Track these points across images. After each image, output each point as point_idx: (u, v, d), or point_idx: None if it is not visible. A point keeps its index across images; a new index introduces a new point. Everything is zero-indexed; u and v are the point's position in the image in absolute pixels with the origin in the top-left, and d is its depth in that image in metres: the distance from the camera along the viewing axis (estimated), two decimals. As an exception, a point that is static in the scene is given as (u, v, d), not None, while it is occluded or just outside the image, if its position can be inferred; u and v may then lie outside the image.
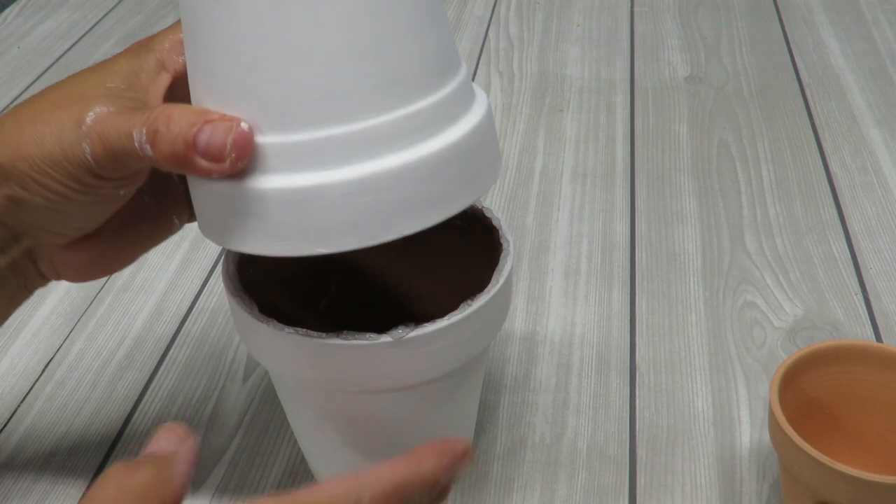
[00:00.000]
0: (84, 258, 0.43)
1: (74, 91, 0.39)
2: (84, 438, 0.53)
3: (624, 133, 0.80)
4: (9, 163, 0.38)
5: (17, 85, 0.91)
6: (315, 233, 0.36)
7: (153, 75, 0.40)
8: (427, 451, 0.35)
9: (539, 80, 0.89)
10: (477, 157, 0.39)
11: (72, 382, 0.57)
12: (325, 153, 0.35)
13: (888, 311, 0.60)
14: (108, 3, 1.07)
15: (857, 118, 0.81)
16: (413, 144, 0.36)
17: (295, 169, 0.35)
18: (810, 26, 0.97)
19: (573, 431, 0.53)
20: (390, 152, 0.35)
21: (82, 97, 0.38)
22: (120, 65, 0.41)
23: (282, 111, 0.35)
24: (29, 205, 0.39)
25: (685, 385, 0.55)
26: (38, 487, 0.50)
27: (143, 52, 0.41)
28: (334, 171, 0.35)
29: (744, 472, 0.50)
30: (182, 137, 0.36)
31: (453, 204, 0.38)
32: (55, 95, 0.40)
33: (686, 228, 0.68)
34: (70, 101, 0.38)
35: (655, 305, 0.61)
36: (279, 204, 0.36)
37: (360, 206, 0.35)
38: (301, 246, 0.36)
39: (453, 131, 0.37)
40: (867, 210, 0.70)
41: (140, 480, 0.32)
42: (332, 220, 0.36)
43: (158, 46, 0.41)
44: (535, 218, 0.70)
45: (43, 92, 0.41)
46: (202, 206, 0.39)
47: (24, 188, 0.39)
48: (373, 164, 0.35)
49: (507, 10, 1.03)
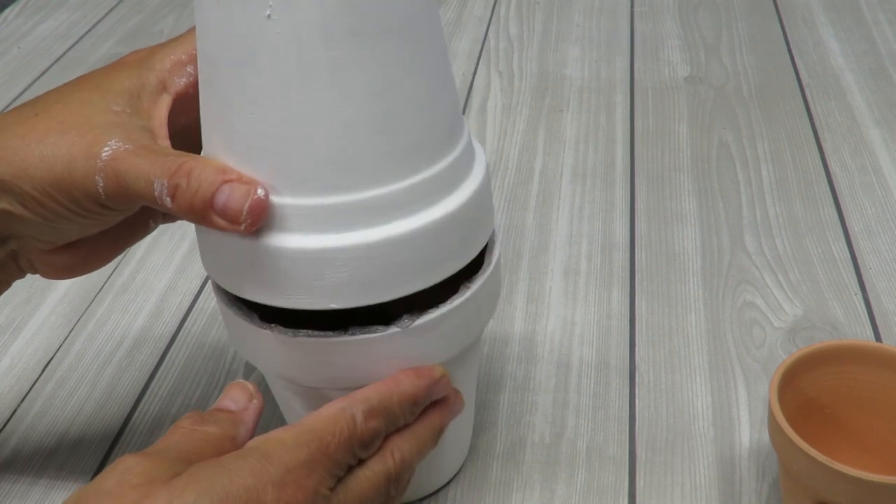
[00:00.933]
0: (65, 259, 0.44)
1: (81, 112, 0.39)
2: (84, 438, 0.53)
3: (624, 133, 0.80)
4: (10, 179, 0.39)
5: (17, 85, 0.91)
6: (327, 290, 0.38)
7: (155, 97, 0.41)
8: (405, 373, 0.40)
9: (539, 80, 0.89)
10: (477, 217, 0.41)
11: (72, 382, 0.57)
12: (340, 217, 0.37)
13: (888, 311, 0.60)
14: (108, 3, 1.07)
15: (857, 118, 0.81)
16: (421, 210, 0.39)
17: (311, 230, 0.37)
18: (810, 26, 0.97)
19: (573, 431, 0.53)
20: (400, 218, 0.38)
21: (91, 122, 0.39)
22: (122, 82, 0.41)
23: (302, 176, 0.37)
24: (24, 219, 0.40)
25: (685, 385, 0.55)
26: (38, 487, 0.50)
27: (145, 70, 0.41)
28: (348, 235, 0.37)
29: (743, 472, 0.50)
30: (201, 196, 0.37)
31: (456, 262, 0.41)
32: (62, 115, 0.40)
33: (686, 228, 0.68)
34: (79, 125, 0.39)
35: (655, 305, 0.61)
36: (294, 262, 0.38)
37: (371, 267, 0.38)
38: (313, 301, 0.38)
39: (457, 196, 0.40)
40: (867, 210, 0.70)
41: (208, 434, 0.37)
42: (344, 279, 0.38)
43: (160, 66, 0.42)
44: (535, 218, 0.70)
45: (46, 105, 0.40)
46: (213, 251, 0.41)
47: (22, 205, 0.39)
48: (384, 230, 0.38)
49: (507, 10, 1.03)
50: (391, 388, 0.39)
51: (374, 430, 0.38)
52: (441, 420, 0.42)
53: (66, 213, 0.39)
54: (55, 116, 0.39)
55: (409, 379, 0.40)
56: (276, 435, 0.37)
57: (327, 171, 0.37)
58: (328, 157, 0.36)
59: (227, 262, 0.40)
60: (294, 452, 0.36)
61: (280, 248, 0.38)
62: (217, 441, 0.37)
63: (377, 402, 0.39)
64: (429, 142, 0.39)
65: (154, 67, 0.42)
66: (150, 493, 0.33)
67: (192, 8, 1.04)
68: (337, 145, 0.36)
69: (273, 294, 0.39)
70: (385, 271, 0.38)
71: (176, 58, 0.42)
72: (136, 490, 0.33)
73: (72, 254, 0.44)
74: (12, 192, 0.39)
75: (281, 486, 0.35)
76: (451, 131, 0.40)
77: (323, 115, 0.36)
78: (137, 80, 0.41)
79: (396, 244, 0.38)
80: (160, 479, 0.33)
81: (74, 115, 0.39)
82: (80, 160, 0.38)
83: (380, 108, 0.37)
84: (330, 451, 0.37)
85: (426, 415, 0.42)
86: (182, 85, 0.42)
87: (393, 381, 0.40)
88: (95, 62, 0.94)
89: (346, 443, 0.37)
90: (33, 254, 0.43)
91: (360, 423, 0.38)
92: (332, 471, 0.37)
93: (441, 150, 0.39)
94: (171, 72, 0.42)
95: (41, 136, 0.39)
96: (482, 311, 0.44)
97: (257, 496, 0.34)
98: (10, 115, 0.41)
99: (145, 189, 0.37)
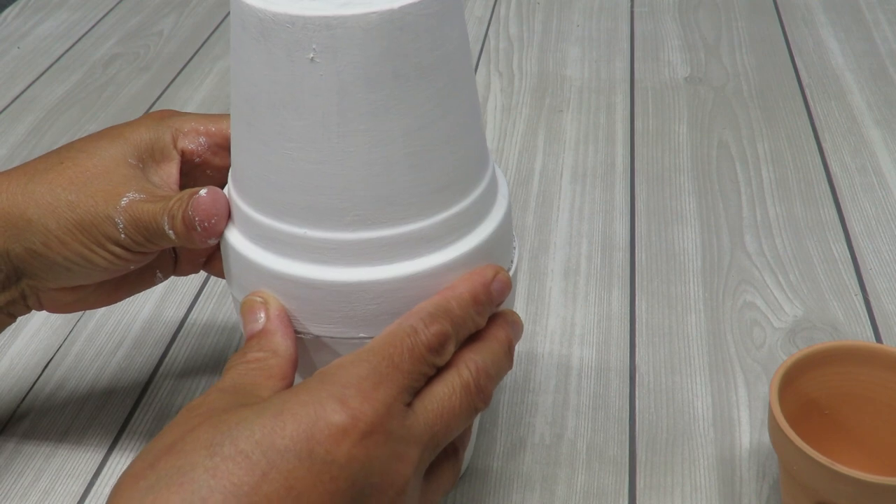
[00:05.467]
0: (70, 298, 0.47)
1: (101, 164, 0.44)
2: (84, 438, 0.53)
3: (624, 133, 0.80)
4: (38, 219, 0.43)
5: (17, 85, 0.91)
6: (360, 320, 0.39)
7: (166, 153, 0.46)
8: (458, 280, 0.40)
9: (539, 81, 0.89)
10: (500, 247, 0.43)
11: (72, 383, 0.57)
12: (374, 252, 0.39)
13: (888, 312, 0.60)
14: (108, 3, 1.07)
15: (857, 118, 0.81)
16: (450, 244, 0.40)
17: (345, 263, 0.39)
18: (810, 26, 0.97)
19: (573, 432, 0.53)
20: (430, 252, 0.39)
21: (110, 174, 0.44)
22: (141, 135, 0.46)
23: (338, 212, 0.38)
24: (45, 259, 0.44)
25: (685, 385, 0.55)
26: (38, 487, 0.50)
27: (163, 127, 0.46)
28: (380, 269, 0.39)
29: (743, 472, 0.50)
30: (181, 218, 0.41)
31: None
32: (85, 165, 0.44)
33: (686, 229, 0.68)
34: (100, 175, 0.44)
35: (655, 306, 0.61)
36: (328, 294, 0.39)
37: (401, 299, 0.39)
38: (345, 330, 0.40)
39: (483, 229, 0.41)
40: (867, 210, 0.70)
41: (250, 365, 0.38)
42: (376, 310, 0.39)
43: (178, 126, 0.46)
44: (535, 218, 0.70)
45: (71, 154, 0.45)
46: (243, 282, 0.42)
47: (45, 244, 0.43)
48: (415, 264, 0.39)
49: (506, 10, 1.03)
50: (446, 295, 0.39)
51: (440, 334, 0.37)
52: (507, 335, 0.41)
53: (87, 253, 0.43)
54: (80, 165, 0.44)
55: (463, 283, 0.39)
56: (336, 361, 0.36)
57: (361, 208, 0.38)
58: (363, 194, 0.38)
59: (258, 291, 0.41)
60: (353, 368, 0.35)
61: (315, 279, 0.39)
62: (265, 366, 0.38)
63: (434, 308, 0.38)
64: (460, 177, 0.40)
65: (172, 127, 0.46)
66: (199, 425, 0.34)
67: (191, 7, 1.04)
68: (373, 183, 0.37)
69: (306, 322, 0.40)
70: (414, 302, 0.39)
71: (193, 126, 0.47)
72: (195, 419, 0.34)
73: (77, 293, 0.47)
74: (39, 231, 0.43)
75: (342, 399, 0.34)
76: (480, 164, 0.41)
77: (360, 154, 0.37)
78: (155, 134, 0.46)
79: (425, 277, 0.39)
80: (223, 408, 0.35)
81: (95, 166, 0.44)
82: (101, 205, 0.43)
83: (416, 147, 0.38)
84: (395, 361, 0.36)
85: (492, 327, 0.41)
86: (191, 150, 0.46)
87: (447, 289, 0.39)
88: (95, 62, 0.94)
89: (411, 350, 0.36)
90: (42, 292, 0.46)
91: (421, 329, 0.37)
92: (402, 383, 0.36)
93: (471, 184, 0.40)
94: (185, 135, 0.46)
95: (67, 183, 0.43)
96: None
97: (315, 411, 0.33)
98: (38, 163, 0.45)
99: (158, 229, 0.42)
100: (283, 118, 0.37)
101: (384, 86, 0.36)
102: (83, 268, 0.44)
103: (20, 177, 0.44)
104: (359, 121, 0.36)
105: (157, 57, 0.95)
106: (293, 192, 0.38)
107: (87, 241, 0.43)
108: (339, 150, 0.37)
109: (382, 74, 0.36)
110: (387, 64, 0.36)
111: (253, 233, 0.40)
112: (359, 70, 0.35)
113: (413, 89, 0.37)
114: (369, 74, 0.36)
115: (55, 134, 0.82)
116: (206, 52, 0.96)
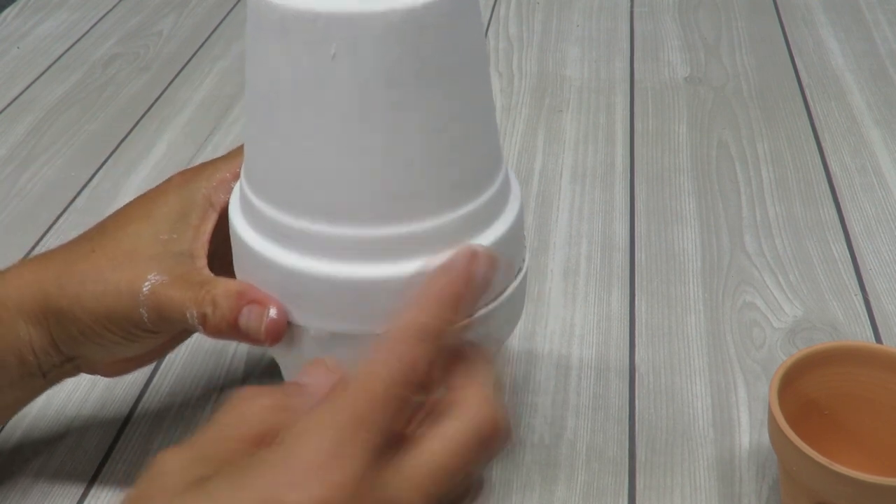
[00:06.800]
0: (120, 367, 0.48)
1: (129, 248, 0.44)
2: (83, 439, 0.53)
3: (623, 133, 0.80)
4: (71, 312, 0.43)
5: (17, 85, 0.91)
6: (378, 316, 0.39)
7: (202, 213, 0.45)
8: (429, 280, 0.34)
9: (539, 81, 0.88)
10: (512, 247, 0.43)
11: (71, 383, 0.57)
12: (392, 248, 0.39)
13: (888, 312, 0.60)
14: (108, 3, 1.07)
15: (857, 118, 0.81)
16: (466, 240, 0.40)
17: (364, 260, 0.39)
18: (810, 26, 0.97)
19: (572, 432, 0.53)
20: (447, 247, 0.38)
21: (136, 257, 0.44)
22: (170, 205, 0.45)
23: (357, 208, 0.38)
24: (85, 344, 0.45)
25: (684, 386, 0.55)
26: (37, 488, 0.50)
27: (192, 191, 0.46)
28: (399, 265, 0.39)
29: (743, 473, 0.50)
30: (225, 321, 0.41)
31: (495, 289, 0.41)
32: (114, 251, 0.44)
33: (685, 229, 0.68)
34: (126, 261, 0.44)
35: (655, 306, 0.61)
36: (348, 290, 0.39)
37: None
38: (362, 327, 0.40)
39: (498, 226, 0.41)
40: (867, 210, 0.70)
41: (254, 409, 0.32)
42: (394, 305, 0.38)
43: (206, 185, 0.46)
44: (535, 218, 0.70)
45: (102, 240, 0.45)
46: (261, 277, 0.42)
47: (84, 334, 0.44)
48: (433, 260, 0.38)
49: (506, 10, 1.02)
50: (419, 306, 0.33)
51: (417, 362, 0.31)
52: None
53: (118, 340, 0.44)
54: (108, 253, 0.44)
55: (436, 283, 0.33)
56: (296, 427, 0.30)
57: (380, 204, 0.38)
58: (382, 191, 0.38)
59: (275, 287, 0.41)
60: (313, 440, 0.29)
61: (334, 276, 0.39)
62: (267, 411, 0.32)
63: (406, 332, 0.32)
64: (477, 174, 0.40)
65: (201, 187, 0.46)
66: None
67: (191, 7, 1.04)
68: (392, 179, 0.38)
69: (324, 318, 0.40)
70: None
71: (221, 176, 0.46)
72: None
73: (128, 361, 0.48)
74: (74, 322, 0.44)
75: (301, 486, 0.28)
76: (494, 163, 0.41)
77: (380, 151, 0.37)
78: (185, 200, 0.45)
79: None
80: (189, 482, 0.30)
81: (124, 252, 0.44)
82: (125, 295, 0.43)
83: (435, 145, 0.38)
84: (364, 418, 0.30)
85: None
86: (225, 201, 0.45)
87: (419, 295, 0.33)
88: (95, 62, 0.94)
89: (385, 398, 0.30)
90: (96, 365, 0.47)
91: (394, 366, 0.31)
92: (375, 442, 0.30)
93: (487, 181, 0.41)
94: (216, 188, 0.46)
95: (96, 273, 0.44)
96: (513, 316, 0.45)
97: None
98: (72, 249, 0.46)
99: (181, 318, 0.42)
100: (302, 114, 0.37)
101: (404, 83, 0.36)
102: (125, 348, 0.45)
103: (54, 267, 0.45)
104: (378, 118, 0.36)
105: (156, 57, 0.95)
106: (311, 189, 0.38)
107: (116, 329, 0.44)
108: (357, 147, 0.37)
109: (403, 72, 0.36)
110: (407, 61, 0.36)
111: (269, 230, 0.40)
112: (379, 67, 0.35)
113: (433, 87, 0.37)
114: (390, 71, 0.36)
115: (55, 134, 0.82)
116: (206, 52, 0.96)
